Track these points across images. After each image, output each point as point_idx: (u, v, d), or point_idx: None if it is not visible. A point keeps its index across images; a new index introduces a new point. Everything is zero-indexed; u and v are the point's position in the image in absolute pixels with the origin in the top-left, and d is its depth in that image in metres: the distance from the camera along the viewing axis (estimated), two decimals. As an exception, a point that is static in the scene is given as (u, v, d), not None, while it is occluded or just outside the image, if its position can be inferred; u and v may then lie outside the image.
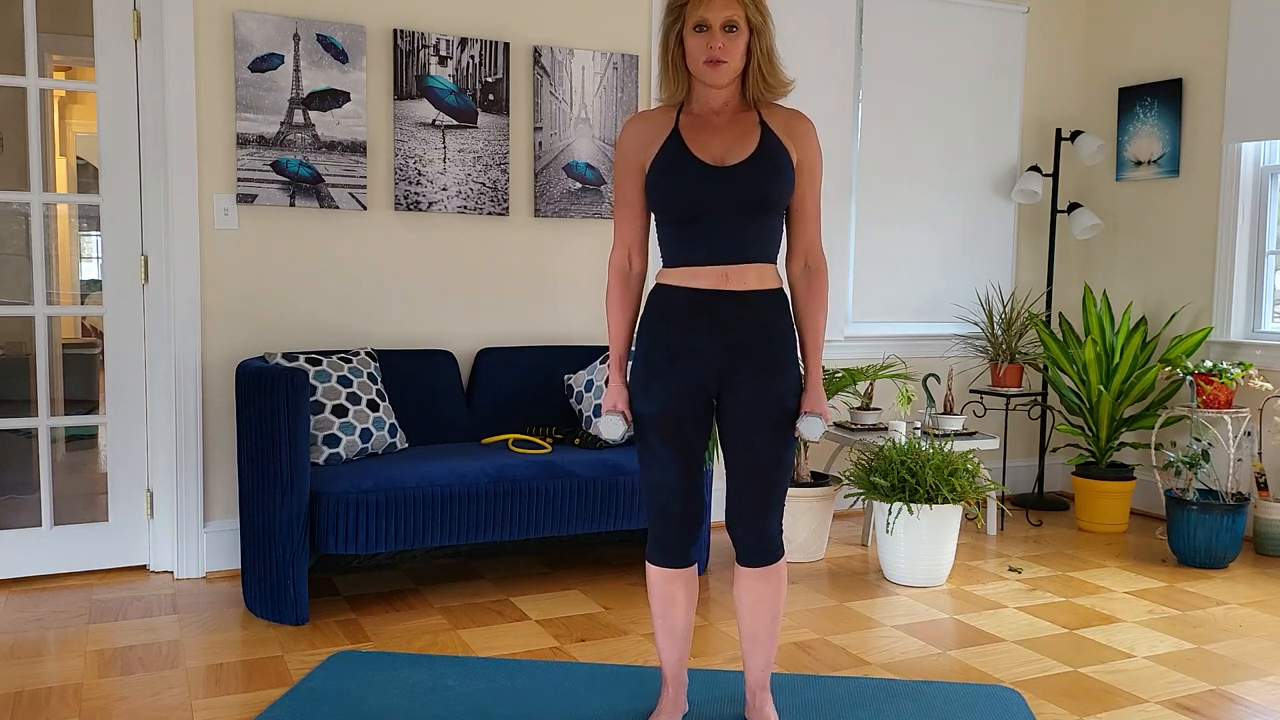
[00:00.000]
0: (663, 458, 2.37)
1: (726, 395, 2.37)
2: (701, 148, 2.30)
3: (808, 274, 2.41)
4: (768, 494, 2.39)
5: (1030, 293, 5.25)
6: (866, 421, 4.44)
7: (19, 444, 5.34)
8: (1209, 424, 4.39)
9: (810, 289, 2.41)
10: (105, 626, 3.26)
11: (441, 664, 2.95)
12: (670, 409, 2.35)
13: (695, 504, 2.42)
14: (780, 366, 2.35)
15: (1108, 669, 3.01)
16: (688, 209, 2.29)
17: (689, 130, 2.33)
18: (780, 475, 2.40)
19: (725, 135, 2.31)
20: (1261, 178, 4.60)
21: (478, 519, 3.40)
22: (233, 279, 3.77)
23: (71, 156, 7.81)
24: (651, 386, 2.36)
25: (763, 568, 2.44)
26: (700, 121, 2.34)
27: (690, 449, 2.38)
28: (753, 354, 2.33)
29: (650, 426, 2.37)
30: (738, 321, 2.32)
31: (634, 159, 2.37)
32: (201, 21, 3.66)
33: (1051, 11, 5.19)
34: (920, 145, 4.94)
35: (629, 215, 2.42)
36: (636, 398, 2.40)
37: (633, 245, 2.43)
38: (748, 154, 2.29)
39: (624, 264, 2.44)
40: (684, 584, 2.47)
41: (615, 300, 2.44)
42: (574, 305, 4.30)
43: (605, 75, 4.24)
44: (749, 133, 2.32)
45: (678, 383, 2.34)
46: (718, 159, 2.29)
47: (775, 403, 2.35)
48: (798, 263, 2.42)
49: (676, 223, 2.33)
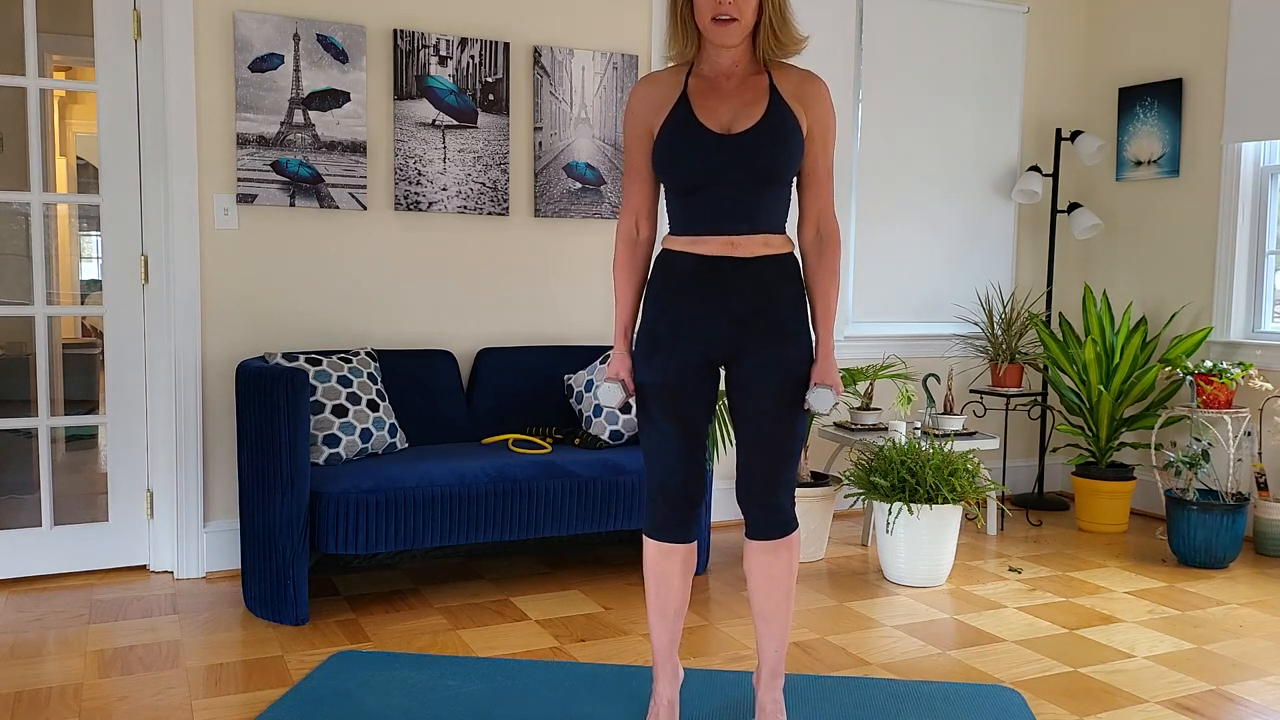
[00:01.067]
0: (664, 429, 2.32)
1: (735, 365, 2.31)
2: (709, 114, 2.24)
3: (819, 241, 2.34)
4: (779, 465, 2.33)
5: (1030, 293, 5.25)
6: (866, 421, 4.44)
7: (19, 444, 5.35)
8: (1209, 424, 4.39)
9: (822, 256, 2.34)
10: (105, 626, 3.26)
11: (441, 664, 2.95)
12: (672, 380, 2.29)
13: (695, 479, 2.36)
14: (790, 334, 2.29)
15: (1108, 669, 3.01)
16: (693, 179, 2.24)
17: (697, 95, 2.27)
18: (793, 446, 2.33)
19: (734, 100, 2.25)
20: (1261, 178, 4.60)
21: (478, 519, 3.40)
22: (233, 279, 3.77)
23: (71, 156, 7.81)
24: (654, 357, 2.31)
25: (773, 540, 2.38)
26: (709, 85, 2.28)
27: (692, 422, 2.33)
28: (761, 322, 2.27)
29: (651, 397, 2.32)
30: (744, 289, 2.26)
31: (642, 124, 2.32)
32: (201, 21, 3.66)
33: (1051, 11, 5.19)
34: (920, 145, 4.94)
35: (637, 181, 2.37)
36: (639, 367, 2.34)
37: (640, 212, 2.38)
38: (755, 121, 2.22)
39: (631, 231, 2.39)
40: (680, 560, 2.41)
41: (622, 267, 2.39)
42: (574, 305, 4.30)
43: (605, 75, 4.24)
44: (758, 98, 2.25)
45: (681, 355, 2.29)
46: (725, 126, 2.23)
47: (786, 371, 2.28)
48: (809, 229, 2.35)
49: (682, 192, 2.28)
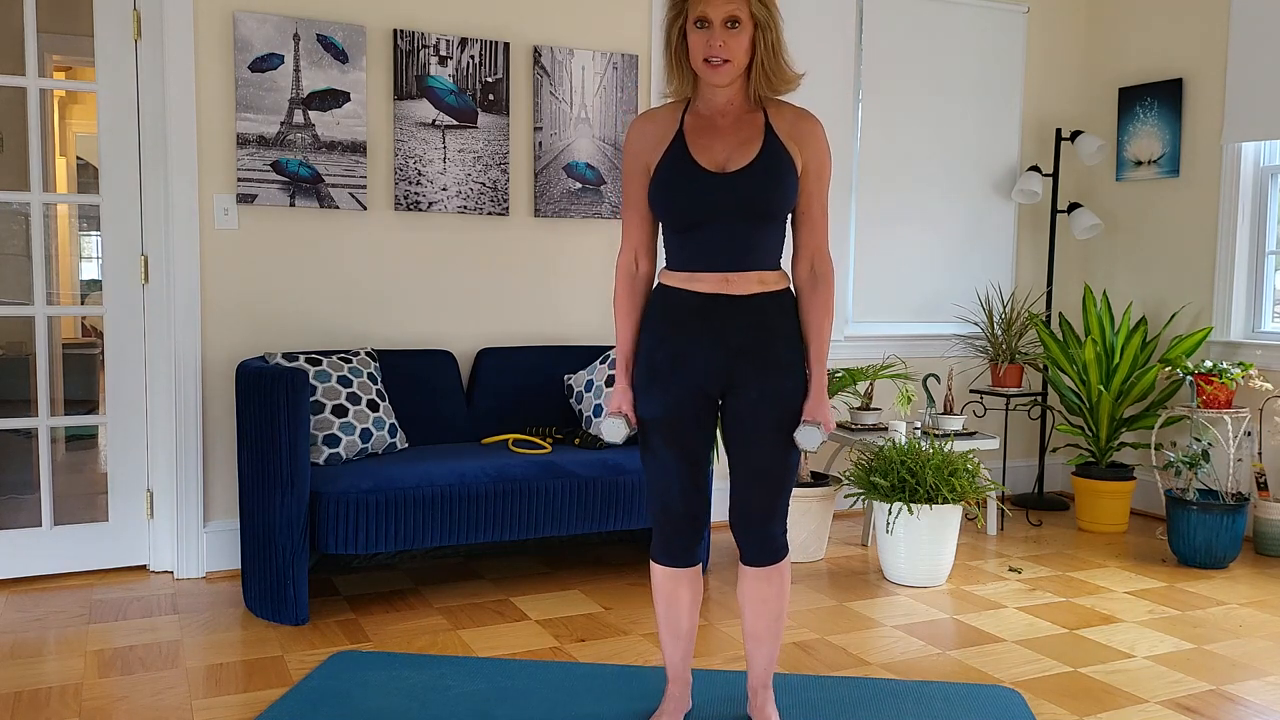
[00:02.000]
0: (665, 460, 2.36)
1: (730, 397, 2.35)
2: (704, 151, 2.27)
3: (813, 278, 2.37)
4: (771, 496, 2.38)
5: (1030, 293, 5.25)
6: (866, 421, 4.44)
7: (19, 444, 5.34)
8: (1209, 424, 4.39)
9: (815, 293, 2.37)
10: (105, 626, 3.26)
11: (441, 664, 2.95)
12: (672, 412, 2.34)
13: (698, 505, 2.41)
14: (785, 368, 2.33)
15: (1108, 669, 3.01)
16: (688, 216, 2.27)
17: (693, 133, 2.30)
18: (785, 477, 2.38)
19: (729, 138, 2.28)
20: (1261, 178, 4.60)
21: (478, 519, 3.40)
22: (233, 279, 3.77)
23: (71, 156, 7.81)
24: (653, 389, 2.35)
25: (766, 567, 2.44)
26: (705, 122, 2.31)
27: (693, 451, 2.37)
28: (757, 356, 2.31)
29: (652, 428, 2.37)
30: (741, 324, 2.30)
31: (639, 160, 2.35)
32: (201, 21, 3.66)
33: (1051, 11, 5.19)
34: (920, 145, 4.94)
35: (636, 217, 2.39)
36: (639, 399, 2.38)
37: (640, 247, 2.41)
38: (749, 159, 2.25)
39: (631, 266, 2.41)
40: (688, 583, 2.46)
41: (622, 302, 2.42)
42: (574, 305, 4.30)
43: (605, 75, 4.24)
44: (753, 136, 2.27)
45: (679, 387, 2.33)
46: (720, 165, 2.26)
47: (780, 405, 2.32)
48: (803, 266, 2.38)
49: (678, 230, 2.31)
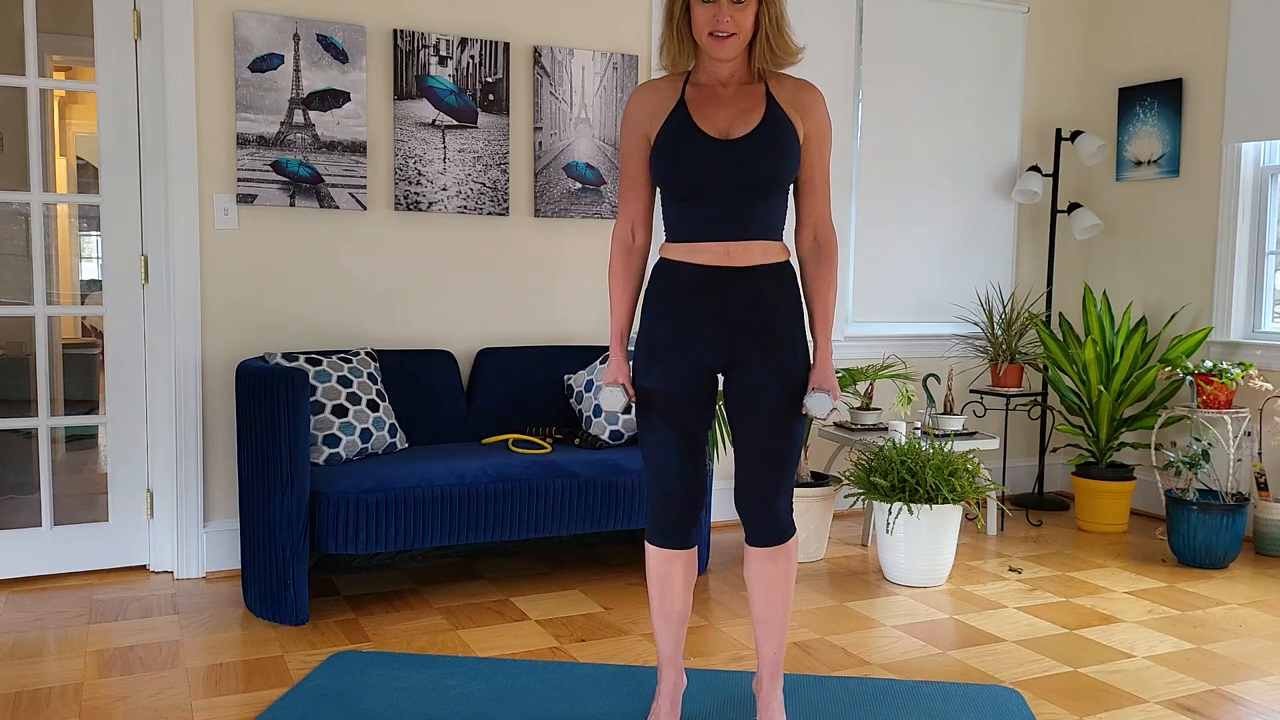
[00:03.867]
0: (664, 437, 2.35)
1: (733, 373, 2.34)
2: (706, 119, 2.26)
3: (817, 247, 2.37)
4: (777, 473, 2.36)
5: (1030, 293, 5.25)
6: (866, 421, 4.44)
7: (19, 444, 5.34)
8: (1209, 424, 4.39)
9: (819, 263, 2.36)
10: (105, 626, 3.26)
11: (441, 664, 2.95)
12: (672, 388, 2.32)
13: (696, 485, 2.39)
14: (788, 343, 2.32)
15: (1108, 669, 3.01)
16: (691, 184, 2.25)
17: (695, 102, 2.29)
18: (790, 454, 2.36)
19: (731, 107, 2.27)
20: (1261, 178, 4.60)
21: (478, 519, 3.40)
22: (233, 279, 3.77)
23: (71, 156, 7.81)
24: (654, 365, 2.33)
25: (772, 548, 2.41)
26: (707, 92, 2.30)
27: (692, 429, 2.35)
28: (759, 331, 2.30)
29: (652, 405, 2.35)
30: (742, 298, 2.29)
31: (639, 129, 2.33)
32: (201, 21, 3.66)
33: (1051, 11, 5.19)
34: (920, 145, 4.94)
35: (633, 187, 2.38)
36: (639, 375, 2.37)
37: (636, 218, 2.39)
38: (752, 127, 2.24)
39: (627, 237, 2.40)
40: (682, 565, 2.44)
41: (617, 273, 2.40)
42: (574, 305, 4.30)
43: (605, 75, 4.24)
44: (755, 105, 2.27)
45: (680, 363, 2.31)
46: (722, 131, 2.25)
47: (783, 380, 2.31)
48: (806, 236, 2.37)
49: (680, 199, 2.29)
